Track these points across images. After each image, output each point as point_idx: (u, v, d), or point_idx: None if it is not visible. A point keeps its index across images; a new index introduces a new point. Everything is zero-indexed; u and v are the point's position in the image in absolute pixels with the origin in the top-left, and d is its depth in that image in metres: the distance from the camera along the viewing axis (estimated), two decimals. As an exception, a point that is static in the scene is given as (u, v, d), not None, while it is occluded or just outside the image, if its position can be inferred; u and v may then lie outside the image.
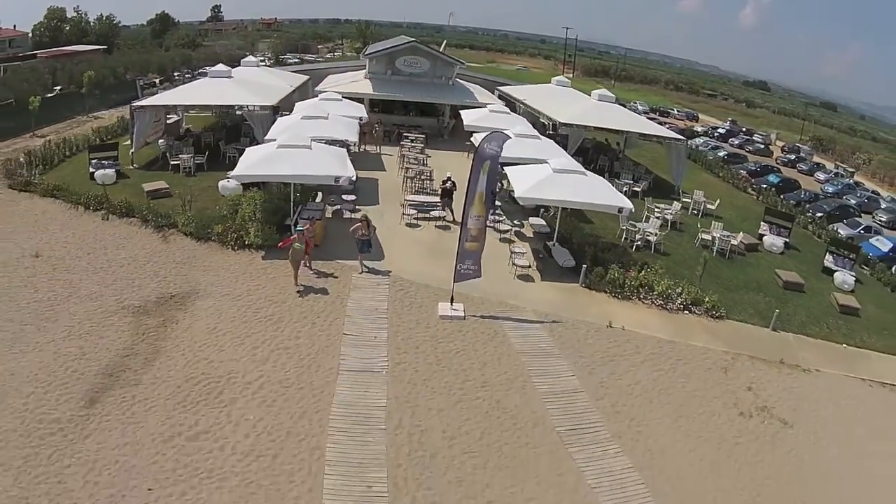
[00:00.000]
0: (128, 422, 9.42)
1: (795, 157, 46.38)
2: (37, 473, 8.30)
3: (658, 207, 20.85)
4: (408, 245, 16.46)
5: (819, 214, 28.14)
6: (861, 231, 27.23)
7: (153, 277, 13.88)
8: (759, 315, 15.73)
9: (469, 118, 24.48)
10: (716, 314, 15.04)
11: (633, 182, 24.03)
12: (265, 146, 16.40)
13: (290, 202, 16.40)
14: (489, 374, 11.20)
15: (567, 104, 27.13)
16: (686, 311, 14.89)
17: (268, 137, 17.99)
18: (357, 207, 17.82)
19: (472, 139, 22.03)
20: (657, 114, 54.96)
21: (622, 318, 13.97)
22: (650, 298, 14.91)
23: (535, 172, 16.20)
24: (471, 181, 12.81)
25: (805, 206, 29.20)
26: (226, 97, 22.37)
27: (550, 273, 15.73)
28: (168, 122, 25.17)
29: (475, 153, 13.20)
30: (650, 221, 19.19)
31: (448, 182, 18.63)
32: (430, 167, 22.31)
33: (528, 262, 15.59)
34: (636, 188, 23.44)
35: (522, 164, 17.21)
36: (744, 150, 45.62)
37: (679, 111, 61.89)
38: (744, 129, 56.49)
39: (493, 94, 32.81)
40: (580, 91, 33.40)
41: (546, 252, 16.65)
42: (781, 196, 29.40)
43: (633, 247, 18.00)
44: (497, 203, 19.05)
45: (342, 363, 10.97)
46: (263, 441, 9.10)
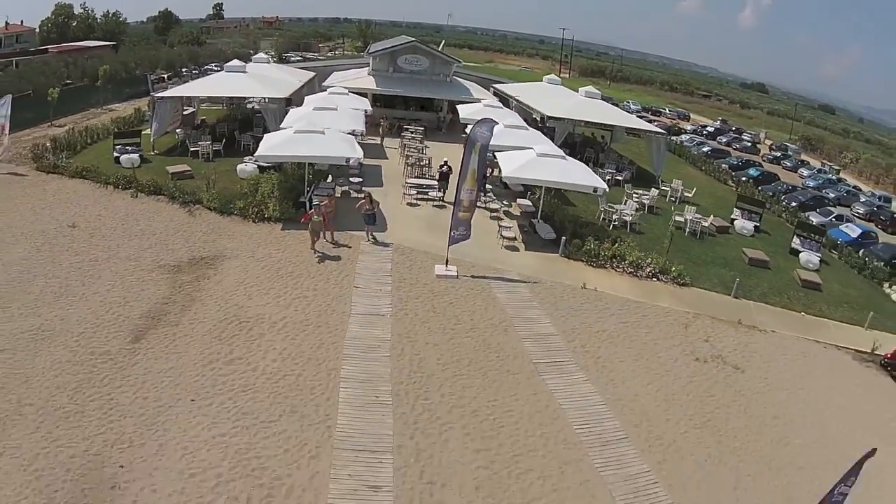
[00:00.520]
0: (171, 352, 11.41)
1: (781, 155, 48.67)
2: (90, 393, 10.06)
3: (636, 193, 23.01)
4: (408, 220, 18.60)
5: (793, 204, 30.34)
6: (832, 219, 29.44)
7: (184, 243, 15.96)
8: (723, 285, 17.79)
9: (465, 112, 26.58)
10: (681, 282, 17.16)
11: (616, 171, 26.21)
12: (284, 132, 18.54)
13: (304, 182, 18.54)
14: (477, 320, 13.33)
15: (556, 100, 29.35)
16: (654, 279, 17.03)
17: (282, 126, 20.12)
18: (362, 188, 19.94)
19: (468, 131, 24.17)
20: (649, 113, 57.21)
21: (595, 282, 16.11)
22: (622, 267, 17.05)
23: (522, 156, 18.35)
24: (464, 160, 14.93)
25: (781, 197, 31.39)
26: (242, 90, 24.57)
27: (534, 245, 17.90)
28: (184, 114, 27.29)
29: (468, 137, 15.33)
30: (627, 204, 21.33)
31: (445, 166, 20.81)
32: (429, 155, 24.46)
33: (514, 235, 17.77)
34: (618, 177, 25.63)
35: (511, 150, 19.37)
36: (730, 147, 47.89)
37: (671, 110, 64.26)
38: (733, 129, 58.83)
39: (489, 91, 35.01)
40: (571, 90, 35.65)
41: (531, 227, 18.82)
42: (759, 187, 31.61)
43: (611, 226, 20.15)
44: (488, 186, 21.29)
45: (353, 308, 13.12)
46: (288, 365, 11.18)
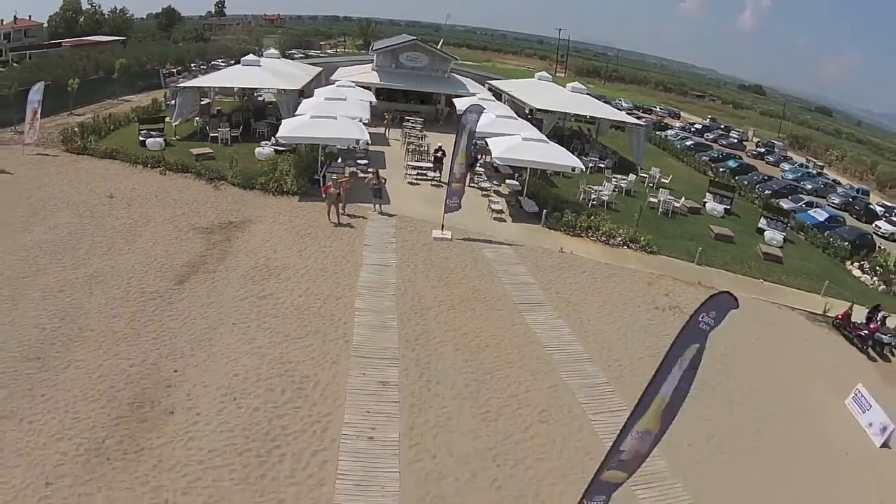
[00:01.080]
0: (211, 291, 13.94)
1: (765, 151, 51.52)
2: (144, 321, 12.48)
3: (616, 178, 25.71)
4: (409, 196, 21.26)
5: (767, 192, 33.11)
6: (803, 205, 32.23)
7: (213, 210, 18.56)
8: (688, 255, 20.40)
9: (461, 105, 29.17)
10: (649, 250, 19.82)
11: (599, 160, 28.93)
12: (301, 117, 21.19)
13: (318, 163, 21.19)
14: (467, 271, 16.01)
15: (544, 94, 32.15)
16: (625, 247, 19.70)
17: (297, 113, 22.76)
18: (368, 169, 22.60)
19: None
20: (640, 111, 60.03)
21: (572, 247, 18.79)
22: (596, 236, 19.72)
23: (509, 141, 21.05)
24: (457, 140, 17.60)
25: (755, 186, 34.16)
26: (258, 82, 27.26)
27: (519, 217, 20.60)
28: (201, 104, 29.90)
29: (460, 120, 18.00)
30: (605, 185, 24.03)
31: (439, 151, 23.53)
32: (428, 143, 27.16)
33: (502, 208, 20.50)
34: (601, 165, 28.35)
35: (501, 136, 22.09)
36: (715, 143, 50.71)
37: (662, 109, 67.14)
38: (722, 126, 61.68)
39: (484, 87, 37.78)
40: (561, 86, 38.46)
41: (517, 203, 21.53)
42: (735, 177, 34.36)
43: (590, 204, 22.82)
44: (480, 169, 24.04)
45: (364, 260, 15.80)
46: (311, 300, 13.80)
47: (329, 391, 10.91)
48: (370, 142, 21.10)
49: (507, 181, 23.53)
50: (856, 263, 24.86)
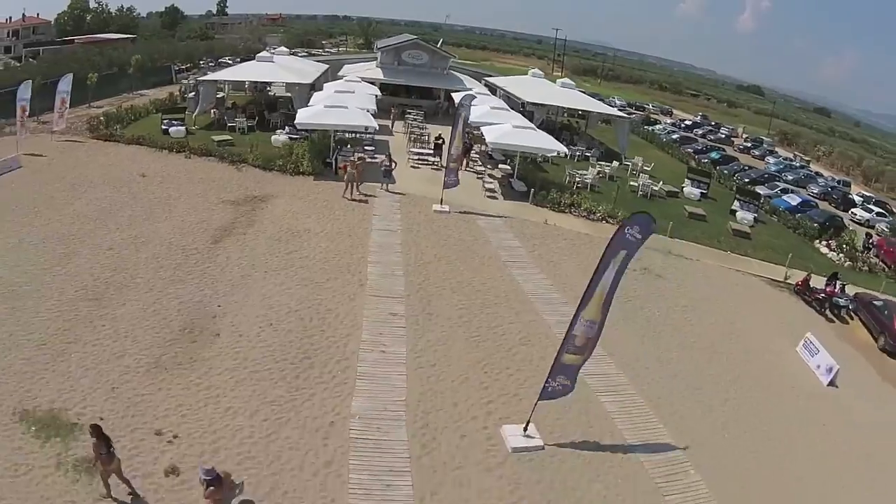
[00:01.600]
0: (244, 248, 16.58)
1: (752, 145, 54.40)
2: (188, 269, 15.08)
3: (600, 164, 28.48)
4: (412, 178, 24.01)
5: (745, 180, 35.93)
6: (778, 191, 35.04)
7: (238, 187, 21.26)
8: (662, 230, 23.01)
9: (458, 99, 32.06)
10: (625, 225, 22.52)
11: (586, 149, 31.72)
12: (316, 107, 23.94)
13: (330, 148, 23.94)
14: (463, 236, 18.77)
15: (536, 89, 35.02)
16: (604, 221, 22.44)
17: (310, 105, 25.50)
18: (375, 154, 25.34)
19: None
20: (633, 108, 62.91)
21: (555, 221, 21.53)
22: (578, 212, 22.45)
23: (501, 128, 23.85)
24: (454, 126, 20.33)
25: (735, 175, 37.00)
26: (273, 76, 30.04)
27: (509, 196, 23.41)
28: (217, 97, 32.62)
29: (456, 109, 20.75)
30: (590, 171, 26.79)
31: (439, 139, 26.29)
32: (428, 133, 29.94)
33: (494, 187, 23.28)
34: (587, 154, 31.13)
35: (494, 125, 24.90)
36: (703, 138, 53.56)
37: (654, 106, 70.09)
38: (712, 123, 64.59)
39: (480, 83, 40.61)
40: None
41: (508, 184, 24.29)
42: (716, 167, 37.18)
43: (574, 186, 25.56)
44: (475, 156, 26.83)
45: (373, 226, 18.56)
46: (331, 253, 16.52)
47: (348, 319, 13.59)
48: (377, 128, 23.85)
49: (500, 166, 26.32)
50: (823, 242, 27.63)
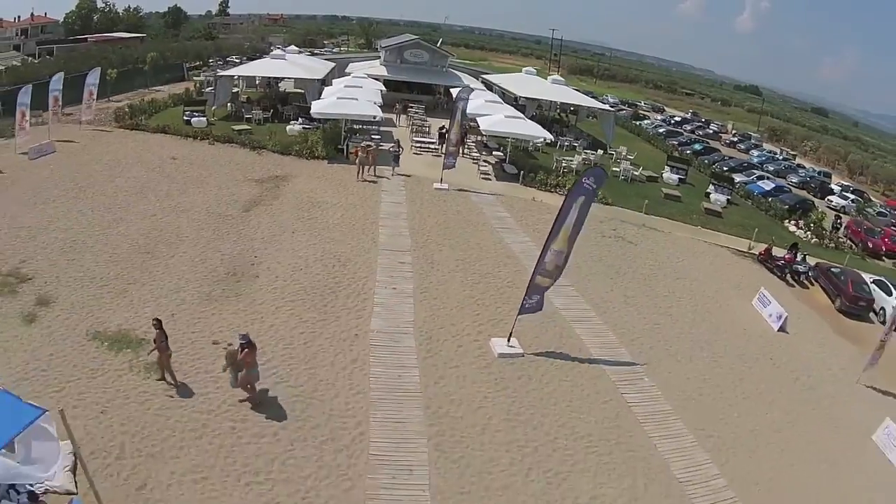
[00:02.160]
0: (272, 214, 19.79)
1: (738, 140, 57.90)
2: (225, 230, 18.22)
3: (586, 152, 31.77)
4: (415, 163, 27.32)
5: (724, 168, 39.26)
6: (754, 178, 38.35)
7: (260, 168, 24.49)
8: (639, 208, 26.32)
9: (457, 93, 35.42)
10: (606, 202, 25.73)
11: (574, 140, 35.08)
12: (329, 98, 27.23)
13: (341, 136, 27.23)
14: (459, 208, 22.08)
15: (528, 85, 38.52)
16: (585, 200, 25.65)
17: (323, 97, 28.79)
18: (380, 143, 28.61)
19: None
20: (626, 105, 66.41)
21: (542, 198, 24.76)
22: (562, 191, 25.64)
23: (494, 118, 27.20)
24: (452, 116, 23.63)
25: (714, 164, 40.40)
26: (288, 72, 33.35)
27: (502, 178, 26.76)
28: (232, 92, 35.91)
29: (454, 100, 24.04)
30: (575, 158, 30.09)
31: (443, 129, 29.56)
32: (429, 125, 33.29)
33: (488, 170, 26.63)
34: (575, 144, 34.48)
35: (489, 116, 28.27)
36: (694, 133, 57.01)
37: (646, 103, 73.66)
38: (702, 120, 68.09)
39: (477, 80, 44.01)
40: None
41: (500, 168, 27.59)
42: (698, 157, 40.55)
43: (561, 171, 28.82)
44: (472, 144, 30.13)
45: (382, 199, 21.85)
46: (346, 220, 19.75)
47: (365, 266, 16.81)
48: (384, 117, 27.20)
49: (494, 153, 29.64)
50: (792, 222, 30.87)
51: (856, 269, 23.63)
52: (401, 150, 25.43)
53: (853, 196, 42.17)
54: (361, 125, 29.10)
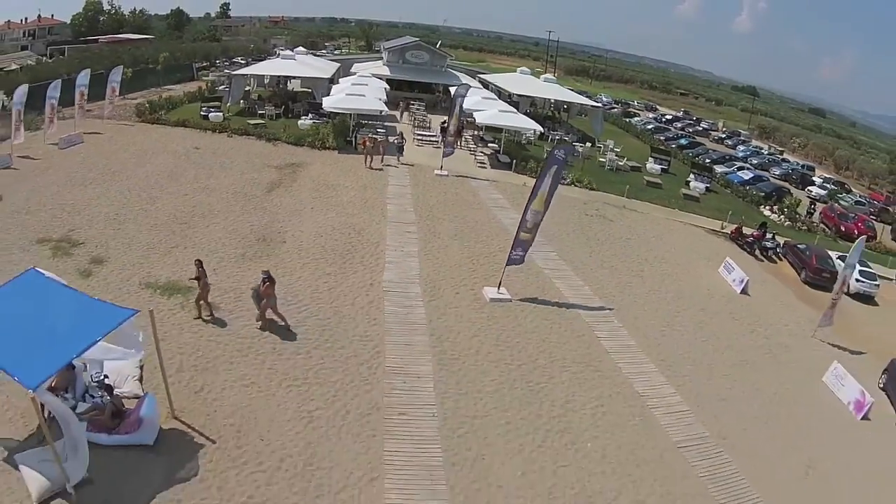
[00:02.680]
0: (292, 194, 22.70)
1: (726, 136, 61.14)
2: (252, 206, 21.06)
3: (575, 145, 34.84)
4: (417, 153, 30.40)
5: (707, 160, 42.40)
6: (735, 169, 41.49)
7: (277, 157, 27.49)
8: (620, 193, 29.38)
9: (456, 89, 38.53)
10: (591, 187, 28.79)
11: (564, 134, 38.20)
12: (339, 95, 30.28)
13: (349, 128, 30.31)
14: (458, 190, 25.14)
15: (522, 84, 41.73)
16: (573, 185, 28.71)
17: (332, 94, 31.86)
18: (387, 136, 31.66)
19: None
20: (619, 104, 69.68)
21: (531, 183, 27.64)
22: (552, 176, 28.70)
23: (489, 112, 30.32)
24: (451, 110, 26.70)
25: (697, 156, 43.53)
26: (297, 71, 36.52)
27: (496, 166, 29.89)
28: (245, 90, 38.99)
29: (453, 96, 27.10)
30: (565, 147, 33.19)
31: (444, 124, 32.67)
32: (429, 120, 36.42)
33: (484, 160, 29.71)
34: (565, 138, 37.56)
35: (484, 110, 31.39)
36: (684, 130, 60.24)
37: (639, 103, 76.99)
38: (693, 118, 71.39)
39: (475, 80, 47.20)
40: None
41: (495, 158, 30.67)
42: (683, 150, 43.69)
43: (552, 159, 31.88)
44: (468, 137, 33.24)
45: (388, 183, 24.89)
46: (359, 198, 22.75)
47: (376, 234, 19.80)
48: (388, 111, 30.30)
49: (489, 145, 32.74)
50: (767, 207, 33.91)
51: (822, 248, 26.62)
52: (404, 142, 28.45)
53: (832, 187, 45.29)
54: (368, 120, 32.14)
